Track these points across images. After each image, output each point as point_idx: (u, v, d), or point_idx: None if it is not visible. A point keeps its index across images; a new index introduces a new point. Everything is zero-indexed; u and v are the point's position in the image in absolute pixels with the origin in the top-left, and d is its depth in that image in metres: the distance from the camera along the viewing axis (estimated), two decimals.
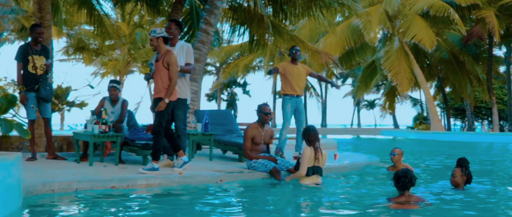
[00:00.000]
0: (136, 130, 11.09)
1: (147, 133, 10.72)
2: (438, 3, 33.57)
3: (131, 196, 7.49)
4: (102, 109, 10.70)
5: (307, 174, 8.90)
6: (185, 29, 17.76)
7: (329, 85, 70.53)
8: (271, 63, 46.19)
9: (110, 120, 10.40)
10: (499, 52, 45.44)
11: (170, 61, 8.98)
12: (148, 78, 9.74)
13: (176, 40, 9.87)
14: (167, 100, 8.97)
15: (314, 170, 8.88)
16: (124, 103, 11.26)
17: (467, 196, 7.62)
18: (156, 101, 9.14)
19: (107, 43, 43.33)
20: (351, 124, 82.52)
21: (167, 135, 9.22)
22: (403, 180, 6.68)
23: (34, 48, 10.55)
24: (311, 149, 8.96)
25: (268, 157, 9.62)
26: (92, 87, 17.29)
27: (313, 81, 66.43)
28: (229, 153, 12.70)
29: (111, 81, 11.32)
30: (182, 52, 9.64)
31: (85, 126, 10.93)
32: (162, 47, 9.16)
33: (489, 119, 48.77)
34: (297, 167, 9.08)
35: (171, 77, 8.98)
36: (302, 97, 11.84)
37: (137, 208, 6.74)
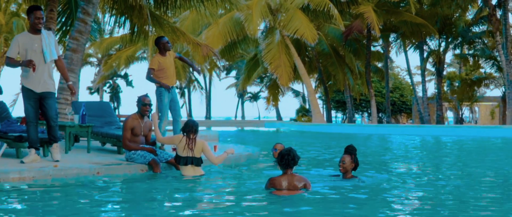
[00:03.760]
0: (9, 121, 10.67)
1: (21, 125, 10.34)
2: None
3: (2, 191, 7.18)
4: None
5: (180, 163, 8.92)
6: (63, 19, 17.32)
7: (213, 76, 70.80)
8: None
9: None
10: (378, 46, 46.97)
11: None
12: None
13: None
14: None
15: (188, 160, 8.88)
16: None
17: (351, 182, 7.90)
18: None
19: None
20: (236, 117, 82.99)
21: None
22: (286, 158, 6.81)
23: None
24: (183, 137, 8.95)
25: (147, 148, 9.52)
26: None
27: (197, 74, 66.31)
28: (108, 146, 12.47)
29: None
30: (51, 40, 9.24)
31: None
32: None
33: (369, 111, 50.45)
34: (176, 159, 9.04)
35: None
36: (175, 88, 11.72)
37: (6, 203, 6.45)
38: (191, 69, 12.31)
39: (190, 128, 8.96)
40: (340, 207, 6.26)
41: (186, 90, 69.32)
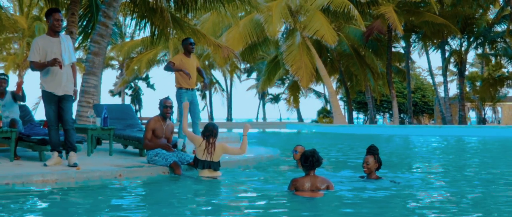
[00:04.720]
0: (32, 125, 10.75)
1: (44, 128, 10.40)
2: None
3: (26, 193, 7.22)
4: None
5: (198, 166, 8.97)
6: (84, 23, 17.42)
7: (234, 78, 70.88)
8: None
9: (4, 115, 10.02)
10: (399, 47, 46.68)
11: None
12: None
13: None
14: None
15: (206, 165, 8.89)
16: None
17: (376, 183, 7.85)
18: None
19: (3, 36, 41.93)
20: (257, 118, 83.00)
21: None
22: (311, 159, 6.81)
23: None
24: (203, 141, 8.96)
25: (163, 145, 9.57)
26: None
27: (218, 76, 66.59)
28: (130, 148, 12.51)
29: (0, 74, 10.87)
30: (69, 43, 9.26)
31: None
32: None
33: (390, 112, 50.18)
34: (195, 161, 9.05)
35: None
36: (196, 90, 11.77)
37: (30, 205, 6.50)
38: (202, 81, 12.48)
39: (210, 132, 8.97)
40: (366, 208, 6.21)
41: (207, 92, 69.49)
